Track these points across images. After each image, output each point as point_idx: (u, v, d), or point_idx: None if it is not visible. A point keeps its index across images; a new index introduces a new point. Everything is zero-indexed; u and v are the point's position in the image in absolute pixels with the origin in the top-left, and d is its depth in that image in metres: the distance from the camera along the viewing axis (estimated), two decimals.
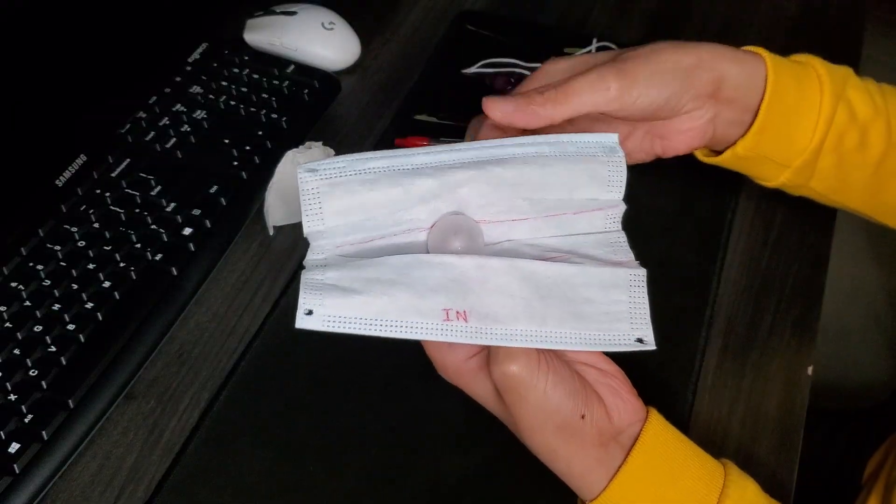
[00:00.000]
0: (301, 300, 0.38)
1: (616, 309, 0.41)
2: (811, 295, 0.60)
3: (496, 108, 0.46)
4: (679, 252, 0.61)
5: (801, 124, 0.52)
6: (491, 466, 0.51)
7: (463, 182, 0.42)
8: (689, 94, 0.49)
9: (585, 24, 0.79)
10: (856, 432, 0.73)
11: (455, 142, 0.66)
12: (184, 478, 0.50)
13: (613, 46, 0.74)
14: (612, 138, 0.45)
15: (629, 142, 0.54)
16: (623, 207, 0.45)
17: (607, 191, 0.44)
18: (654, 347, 0.41)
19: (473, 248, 0.42)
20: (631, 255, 0.43)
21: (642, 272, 0.42)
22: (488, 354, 0.40)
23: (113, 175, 0.62)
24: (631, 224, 0.62)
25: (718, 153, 0.55)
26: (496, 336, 0.39)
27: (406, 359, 0.55)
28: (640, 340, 0.41)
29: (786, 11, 0.81)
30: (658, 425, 0.43)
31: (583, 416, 0.41)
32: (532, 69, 0.70)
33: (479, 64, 0.73)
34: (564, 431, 0.41)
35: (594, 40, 0.74)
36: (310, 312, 0.38)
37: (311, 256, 0.42)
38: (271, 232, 0.62)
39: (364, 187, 0.42)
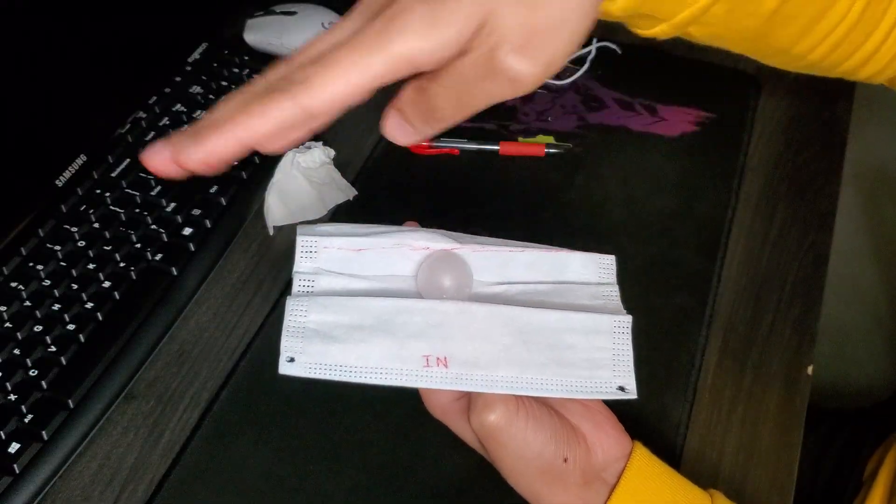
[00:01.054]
0: (283, 346, 0.39)
1: (598, 356, 0.41)
2: (811, 294, 0.60)
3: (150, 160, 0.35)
4: (679, 251, 0.61)
5: None
6: (491, 466, 0.50)
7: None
8: None
9: None
10: (856, 432, 0.73)
11: (454, 142, 0.66)
12: (184, 477, 0.50)
13: (614, 46, 0.74)
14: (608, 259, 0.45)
15: None
16: (613, 258, 0.45)
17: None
18: (635, 397, 0.40)
19: (463, 284, 0.42)
20: (622, 310, 0.43)
21: (627, 319, 0.42)
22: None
23: (113, 175, 0.62)
24: (631, 224, 0.63)
25: None
26: (476, 382, 0.39)
27: None
28: (621, 388, 0.41)
29: None
30: (642, 460, 0.42)
31: (565, 460, 0.40)
32: None
33: None
34: (547, 475, 0.41)
35: (594, 40, 0.74)
36: (292, 360, 0.39)
37: (299, 263, 0.42)
38: (271, 232, 0.62)
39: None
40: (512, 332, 0.40)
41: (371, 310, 0.40)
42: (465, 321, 0.40)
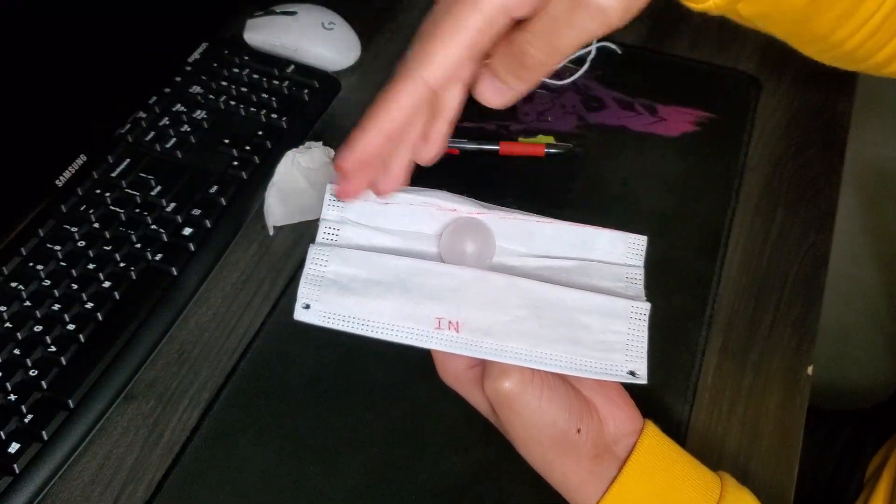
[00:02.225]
0: (300, 292, 0.39)
1: (613, 339, 0.41)
2: (811, 295, 0.60)
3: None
4: (679, 251, 0.61)
5: None
6: (491, 466, 0.51)
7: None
8: None
9: None
10: (856, 432, 0.73)
11: (454, 142, 0.66)
12: (184, 478, 0.50)
13: (613, 47, 0.74)
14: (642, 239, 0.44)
15: None
16: (645, 239, 0.44)
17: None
18: (645, 382, 0.40)
19: (485, 253, 0.42)
20: (642, 295, 0.42)
21: (646, 306, 0.42)
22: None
23: (113, 175, 0.63)
24: (631, 224, 0.63)
25: None
26: (486, 350, 0.39)
27: (406, 359, 0.55)
28: (632, 373, 0.40)
29: None
30: (654, 437, 0.43)
31: (578, 430, 0.41)
32: None
33: None
34: (559, 445, 0.41)
35: (594, 40, 0.74)
36: (307, 306, 0.39)
37: (326, 210, 0.42)
38: (271, 232, 0.62)
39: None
40: (527, 305, 0.40)
41: (390, 267, 0.40)
42: (481, 289, 0.40)
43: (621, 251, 0.43)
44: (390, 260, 0.40)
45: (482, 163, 0.67)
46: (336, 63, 0.73)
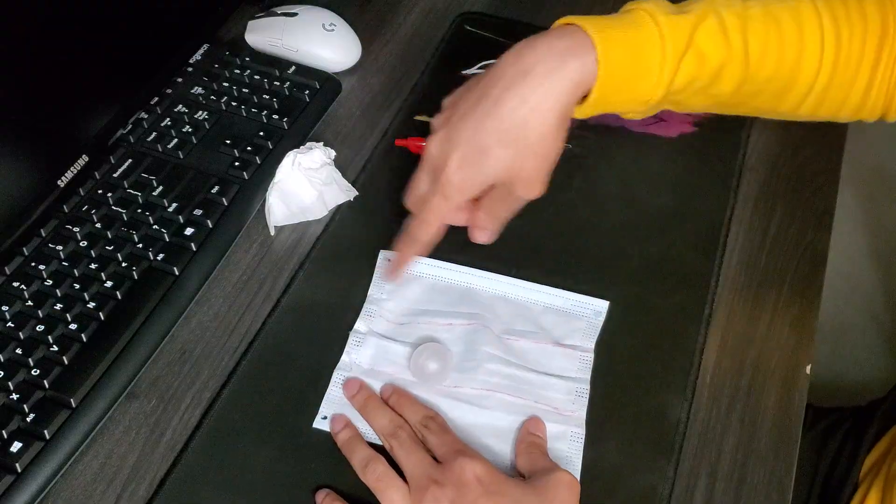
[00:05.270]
0: (321, 407, 0.53)
1: (554, 456, 0.51)
2: (809, 293, 0.60)
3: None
4: (678, 250, 0.61)
5: (641, 85, 0.52)
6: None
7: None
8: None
9: None
10: (853, 429, 0.73)
11: None
12: (185, 477, 0.50)
13: None
14: (602, 305, 0.57)
15: None
16: (592, 355, 0.55)
17: (582, 339, 0.56)
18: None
19: (444, 371, 0.54)
20: (584, 409, 0.53)
21: (581, 431, 0.52)
22: None
23: (115, 176, 0.63)
24: (631, 223, 0.63)
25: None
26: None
27: None
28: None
29: None
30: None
31: None
32: None
33: (479, 65, 0.73)
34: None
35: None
36: (325, 417, 0.52)
37: (359, 322, 0.57)
38: (272, 232, 0.63)
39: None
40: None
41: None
42: (447, 407, 0.53)
43: (575, 362, 0.55)
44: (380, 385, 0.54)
45: None
46: (337, 64, 0.73)
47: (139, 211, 0.61)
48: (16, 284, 0.56)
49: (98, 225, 0.60)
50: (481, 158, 0.50)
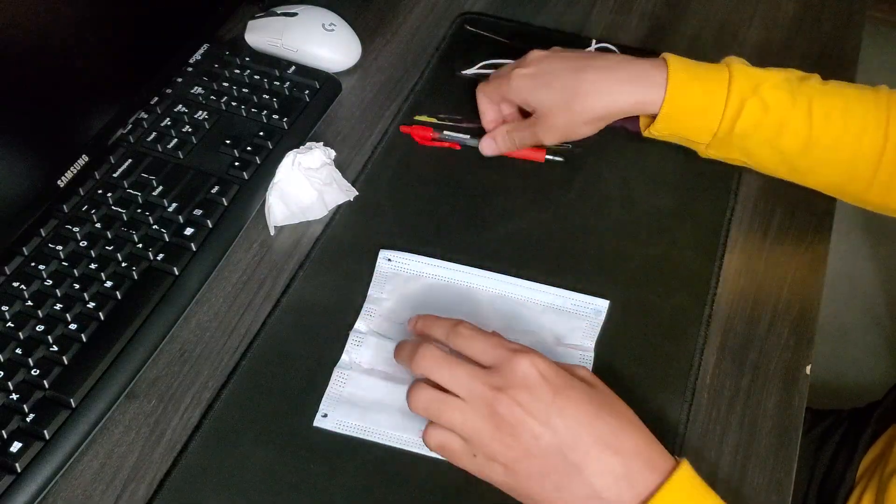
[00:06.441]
0: (321, 405, 0.53)
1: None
2: (809, 294, 0.60)
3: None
4: (678, 251, 0.61)
5: (706, 113, 0.59)
6: None
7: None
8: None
9: (584, 26, 0.79)
10: (850, 432, 0.73)
11: (456, 138, 0.67)
12: (185, 477, 0.50)
13: (612, 48, 0.74)
14: (602, 304, 0.58)
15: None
16: (592, 354, 0.56)
17: (582, 338, 0.56)
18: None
19: None
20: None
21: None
22: None
23: (115, 176, 0.63)
24: (631, 224, 0.63)
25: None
26: None
27: None
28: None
29: (784, 11, 0.82)
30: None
31: None
32: None
33: (479, 65, 0.73)
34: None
35: (593, 42, 0.75)
36: (325, 415, 0.52)
37: (359, 322, 0.57)
38: (272, 232, 0.63)
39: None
40: None
41: (389, 391, 0.53)
42: None
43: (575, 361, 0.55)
44: (389, 386, 0.53)
45: (483, 164, 0.67)
46: (337, 64, 0.73)
47: (139, 211, 0.61)
48: (16, 284, 0.56)
49: (98, 225, 0.60)
50: (539, 87, 0.62)
